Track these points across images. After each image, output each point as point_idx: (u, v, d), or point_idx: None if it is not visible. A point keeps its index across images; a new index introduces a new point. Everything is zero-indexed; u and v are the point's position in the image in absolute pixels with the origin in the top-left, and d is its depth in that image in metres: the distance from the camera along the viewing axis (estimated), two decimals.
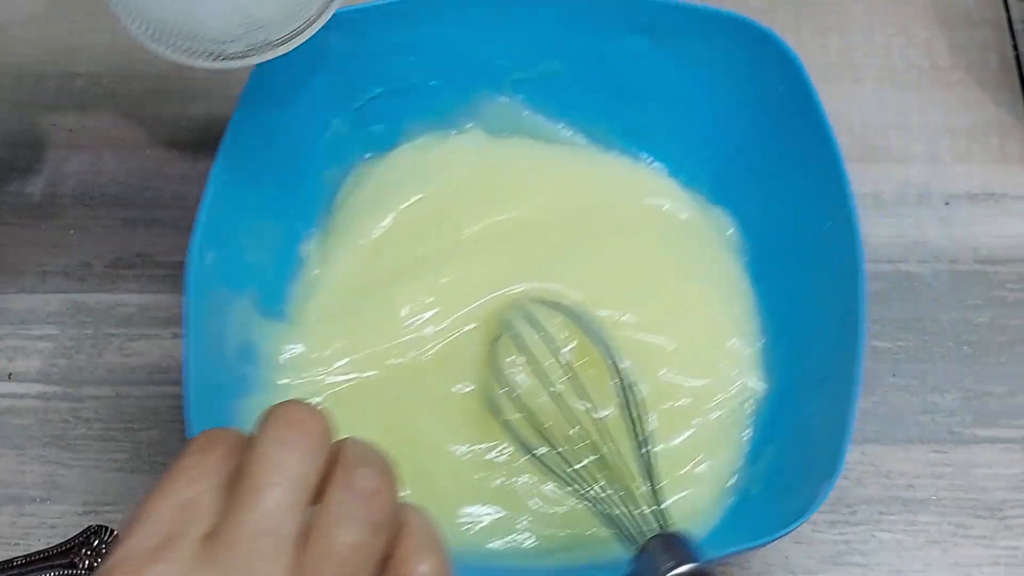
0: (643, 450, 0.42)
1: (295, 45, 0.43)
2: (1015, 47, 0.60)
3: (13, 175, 0.57)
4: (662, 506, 0.40)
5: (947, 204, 0.55)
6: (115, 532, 0.47)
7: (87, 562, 0.46)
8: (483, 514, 0.45)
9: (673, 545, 0.38)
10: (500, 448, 0.45)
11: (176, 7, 0.41)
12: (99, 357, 0.51)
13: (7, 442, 0.49)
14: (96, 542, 0.46)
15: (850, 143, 0.57)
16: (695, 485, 0.45)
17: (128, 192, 0.56)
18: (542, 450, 0.43)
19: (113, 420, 0.50)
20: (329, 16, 0.43)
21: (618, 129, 0.52)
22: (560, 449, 0.43)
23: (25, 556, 0.46)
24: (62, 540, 0.47)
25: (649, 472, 0.41)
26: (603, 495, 0.42)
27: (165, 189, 0.56)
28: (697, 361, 0.47)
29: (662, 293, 0.49)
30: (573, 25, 0.50)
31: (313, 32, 0.43)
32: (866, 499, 0.48)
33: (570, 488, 0.42)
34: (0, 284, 0.53)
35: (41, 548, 0.46)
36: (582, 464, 0.43)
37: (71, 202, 0.55)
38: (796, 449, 0.44)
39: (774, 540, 0.39)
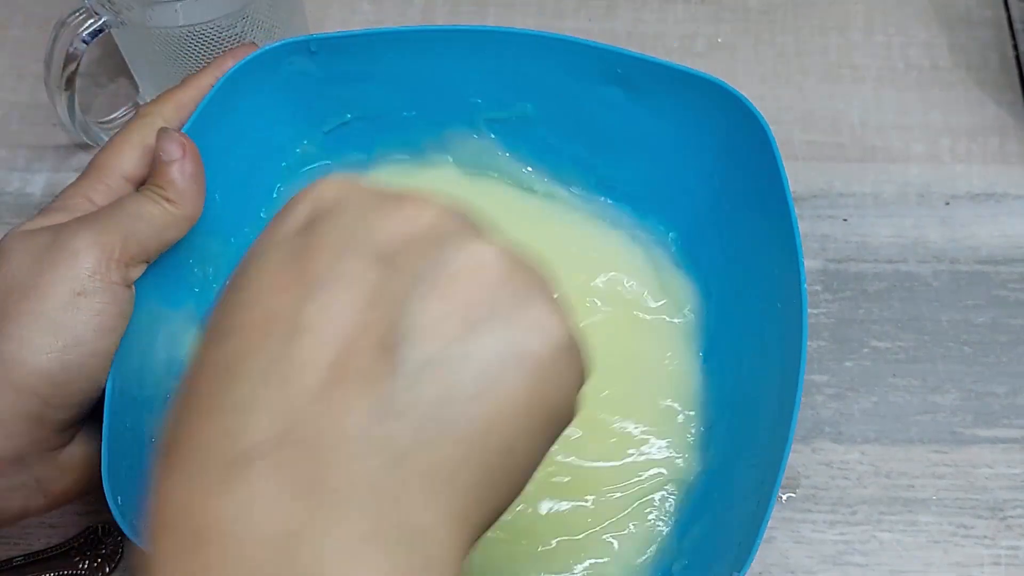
0: None
1: None
2: (1015, 47, 0.60)
3: (13, 175, 0.57)
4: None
5: (947, 204, 0.55)
6: (116, 532, 0.47)
7: (87, 562, 0.46)
8: None
9: None
10: None
11: None
12: None
13: None
14: (96, 542, 0.46)
15: (850, 143, 0.57)
16: (611, 555, 0.45)
17: None
18: None
19: None
20: None
21: (591, 180, 0.52)
22: None
23: (25, 556, 0.46)
24: (62, 540, 0.47)
25: None
26: None
27: None
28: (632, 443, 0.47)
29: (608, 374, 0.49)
30: (547, 70, 0.49)
31: None
32: (866, 499, 0.48)
33: None
34: None
35: (41, 548, 0.46)
36: None
37: None
38: (720, 532, 0.43)
39: None
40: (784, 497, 0.48)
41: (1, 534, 0.47)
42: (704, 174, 0.49)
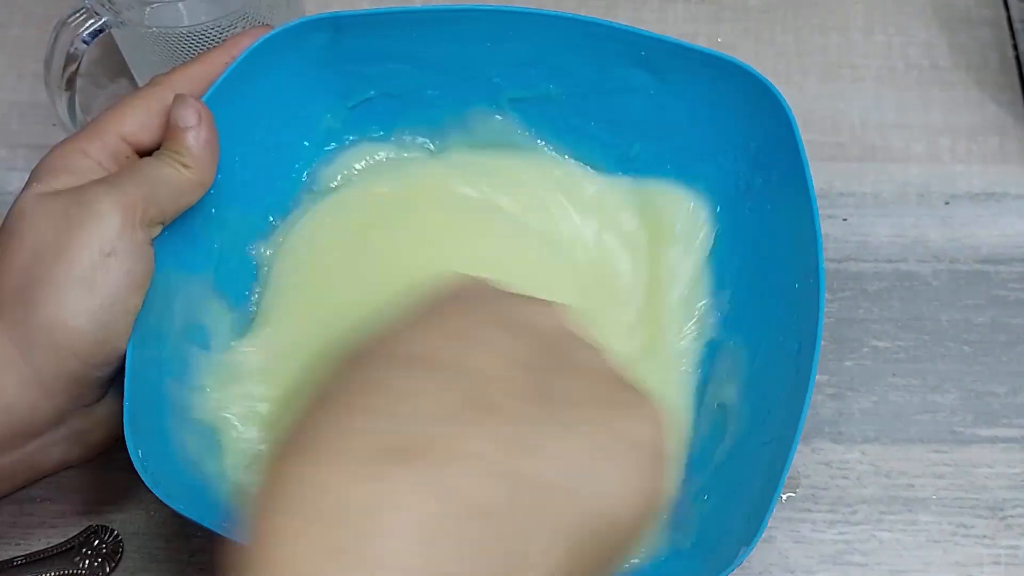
0: None
1: None
2: (1015, 47, 0.60)
3: (13, 175, 0.57)
4: None
5: (947, 204, 0.55)
6: (116, 532, 0.47)
7: (87, 562, 0.46)
8: None
9: None
10: None
11: None
12: None
13: None
14: (96, 542, 0.46)
15: (850, 142, 0.57)
16: None
17: None
18: None
19: None
20: None
21: (611, 158, 0.52)
22: None
23: (25, 556, 0.46)
24: (62, 540, 0.47)
25: None
26: None
27: None
28: None
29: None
30: (572, 51, 0.49)
31: None
32: (866, 499, 0.48)
33: None
34: None
35: (41, 548, 0.46)
36: None
37: None
38: (731, 506, 0.43)
39: None
40: (784, 497, 0.48)
41: (1, 534, 0.47)
42: (728, 163, 0.49)
